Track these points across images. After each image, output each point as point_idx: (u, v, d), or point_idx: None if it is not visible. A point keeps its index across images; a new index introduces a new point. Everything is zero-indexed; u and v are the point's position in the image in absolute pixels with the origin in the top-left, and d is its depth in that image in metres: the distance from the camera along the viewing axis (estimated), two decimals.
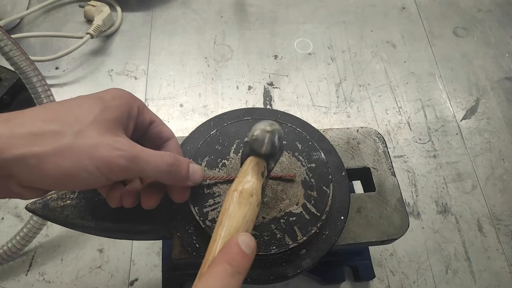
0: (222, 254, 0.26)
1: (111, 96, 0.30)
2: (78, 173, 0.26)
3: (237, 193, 0.30)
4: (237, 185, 0.30)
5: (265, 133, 0.30)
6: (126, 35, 0.80)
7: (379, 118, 0.73)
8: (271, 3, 0.87)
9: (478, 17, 0.89)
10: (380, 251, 0.60)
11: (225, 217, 0.29)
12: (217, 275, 0.25)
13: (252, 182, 0.30)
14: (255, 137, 0.31)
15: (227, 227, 0.28)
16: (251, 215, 0.29)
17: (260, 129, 0.31)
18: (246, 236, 0.27)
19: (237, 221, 0.28)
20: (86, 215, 0.37)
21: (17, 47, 0.48)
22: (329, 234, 0.37)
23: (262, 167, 0.32)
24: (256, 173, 0.31)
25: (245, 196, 0.29)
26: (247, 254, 0.26)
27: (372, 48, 0.82)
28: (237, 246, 0.26)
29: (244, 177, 0.31)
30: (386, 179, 0.44)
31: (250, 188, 0.30)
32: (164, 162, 0.30)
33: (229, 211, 0.29)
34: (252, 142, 0.31)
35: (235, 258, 0.25)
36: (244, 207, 0.29)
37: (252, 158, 0.32)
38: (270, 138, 0.30)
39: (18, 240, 0.52)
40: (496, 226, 0.63)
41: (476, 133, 0.73)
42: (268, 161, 0.32)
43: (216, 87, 0.74)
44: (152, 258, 0.57)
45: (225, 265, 0.25)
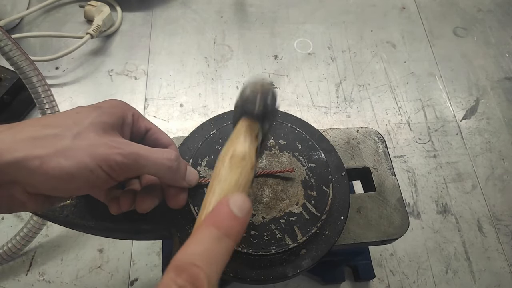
0: (209, 216, 0.24)
1: (107, 105, 0.31)
2: (80, 171, 0.26)
3: (228, 157, 0.27)
4: (228, 148, 0.28)
5: (256, 93, 0.28)
6: (126, 35, 0.80)
7: (379, 118, 0.73)
8: (271, 3, 0.87)
9: (478, 17, 0.89)
10: (380, 251, 0.60)
11: (215, 182, 0.26)
12: (201, 238, 0.22)
13: (245, 145, 0.28)
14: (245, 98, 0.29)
15: (218, 192, 0.26)
16: (244, 179, 0.27)
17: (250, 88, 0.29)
18: (239, 197, 0.24)
19: (228, 185, 0.26)
20: (86, 215, 0.37)
21: (17, 47, 0.48)
22: (329, 234, 0.37)
23: (256, 129, 0.30)
24: (249, 135, 0.29)
25: (237, 160, 0.27)
26: (238, 217, 0.23)
27: (372, 48, 0.82)
28: (227, 208, 0.24)
29: (236, 140, 0.29)
30: (386, 179, 0.44)
31: (242, 151, 0.28)
32: (165, 158, 0.30)
33: (220, 176, 0.27)
34: (242, 103, 0.29)
35: (222, 220, 0.23)
36: (236, 170, 0.27)
37: (244, 120, 0.30)
38: (262, 97, 0.28)
39: (18, 240, 0.52)
40: (496, 226, 0.63)
41: (476, 133, 0.73)
42: (262, 122, 0.30)
43: (216, 87, 0.74)
44: (152, 258, 0.57)
45: (210, 227, 0.23)
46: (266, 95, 0.29)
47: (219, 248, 0.22)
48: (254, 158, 0.28)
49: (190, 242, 0.22)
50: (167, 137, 0.36)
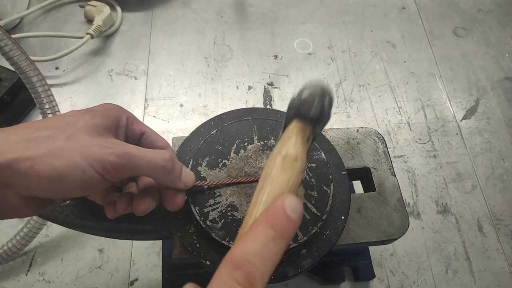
0: (265, 216, 0.24)
1: (101, 108, 0.31)
2: (72, 172, 0.26)
3: (280, 156, 0.27)
4: (280, 148, 0.28)
5: (315, 96, 0.28)
6: (126, 35, 0.80)
7: (379, 118, 0.73)
8: (271, 3, 0.87)
9: (478, 17, 0.89)
10: (380, 251, 0.60)
11: (267, 182, 0.26)
12: (258, 237, 0.22)
13: (297, 146, 0.28)
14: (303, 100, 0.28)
15: (269, 192, 0.26)
16: (295, 180, 0.27)
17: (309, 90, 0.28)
18: (293, 200, 0.24)
19: (280, 186, 0.26)
20: (86, 215, 0.37)
21: (17, 47, 0.48)
22: (329, 234, 0.37)
23: (308, 133, 0.29)
24: (301, 137, 0.28)
25: (290, 160, 0.27)
26: (293, 219, 0.24)
27: (372, 48, 0.82)
28: (282, 209, 0.24)
29: (288, 141, 0.28)
30: (386, 179, 0.44)
31: (295, 152, 0.27)
32: (159, 157, 0.30)
33: (272, 176, 0.26)
34: (299, 105, 0.28)
35: (278, 222, 0.23)
36: (288, 171, 0.26)
37: (297, 123, 0.29)
38: (320, 101, 0.28)
39: (18, 240, 0.52)
40: (496, 226, 0.63)
41: (476, 133, 0.73)
42: (315, 126, 0.29)
43: (216, 87, 0.74)
44: (152, 258, 0.57)
45: (267, 228, 0.23)
46: (324, 99, 0.28)
47: (273, 248, 0.22)
48: (305, 160, 0.28)
49: (246, 239, 0.23)
50: (163, 140, 0.36)
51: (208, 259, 0.35)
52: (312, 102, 0.28)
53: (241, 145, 0.40)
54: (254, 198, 0.26)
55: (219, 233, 0.35)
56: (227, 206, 0.37)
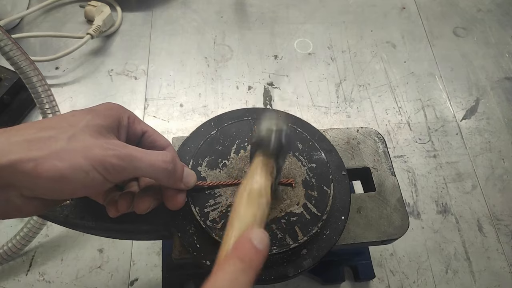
0: (233, 249, 0.25)
1: (102, 108, 0.31)
2: (75, 173, 0.26)
3: (246, 193, 0.29)
4: (246, 185, 0.30)
5: (271, 132, 0.30)
6: (126, 35, 0.80)
7: (379, 118, 0.73)
8: (271, 3, 0.87)
9: (478, 17, 0.89)
10: (380, 251, 0.60)
11: (235, 218, 0.28)
12: (227, 270, 0.24)
13: (260, 182, 0.30)
14: (261, 137, 0.30)
15: (238, 227, 0.27)
16: (261, 214, 0.29)
17: (265, 128, 0.30)
18: (259, 232, 0.26)
19: (246, 221, 0.28)
20: (86, 215, 0.37)
21: (17, 47, 0.48)
22: (330, 234, 0.37)
23: (271, 167, 0.31)
24: (264, 172, 0.31)
25: (254, 196, 0.29)
26: (260, 250, 0.25)
27: (372, 48, 0.82)
28: (249, 241, 0.25)
29: (253, 177, 0.30)
30: (386, 179, 0.44)
31: (258, 188, 0.30)
32: (160, 160, 0.30)
33: (239, 212, 0.28)
34: (258, 142, 0.31)
35: (246, 253, 0.25)
36: (253, 207, 0.29)
37: (260, 158, 0.31)
38: (277, 136, 0.30)
39: (18, 240, 0.52)
40: (496, 226, 0.63)
41: (476, 133, 0.73)
42: (277, 159, 0.32)
43: (216, 87, 0.74)
44: (152, 258, 0.57)
45: (235, 260, 0.24)
46: (281, 134, 0.30)
47: (243, 279, 0.24)
48: (269, 194, 0.30)
49: (217, 273, 0.24)
50: (164, 139, 0.36)
51: (208, 260, 0.35)
52: (269, 138, 0.30)
53: (241, 145, 0.40)
54: (225, 235, 0.27)
55: (219, 234, 0.35)
56: (227, 206, 0.37)
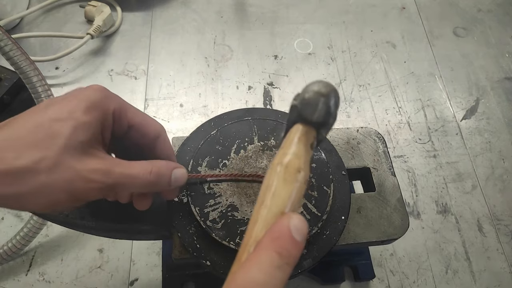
0: (270, 239, 0.22)
1: (82, 111, 0.27)
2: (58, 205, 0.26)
3: (281, 167, 0.24)
4: (281, 157, 0.25)
5: (319, 96, 0.25)
6: (126, 35, 0.80)
7: (379, 118, 0.73)
8: (271, 3, 0.87)
9: (478, 17, 0.89)
10: (380, 251, 0.60)
11: (267, 195, 0.24)
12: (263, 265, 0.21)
13: (300, 155, 0.25)
14: (306, 101, 0.25)
15: (271, 207, 0.23)
16: (298, 193, 0.24)
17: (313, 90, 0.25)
18: (299, 219, 0.22)
19: (282, 200, 0.24)
20: (86, 215, 0.37)
21: (17, 47, 0.48)
22: (330, 234, 0.37)
23: (312, 138, 0.26)
24: (304, 144, 0.26)
25: (292, 172, 0.24)
26: (299, 242, 0.22)
27: (372, 48, 0.82)
28: (288, 231, 0.22)
29: (290, 149, 0.25)
30: (386, 179, 0.44)
31: (297, 162, 0.25)
32: (144, 179, 0.29)
33: (273, 189, 0.24)
34: (302, 107, 0.25)
35: (285, 246, 0.21)
36: (291, 184, 0.24)
37: (300, 126, 0.26)
38: (325, 102, 0.25)
39: (18, 240, 0.52)
40: (496, 226, 0.63)
41: (476, 133, 0.73)
42: (320, 130, 0.27)
43: (216, 87, 0.74)
44: (152, 258, 0.57)
45: (273, 253, 0.21)
46: (329, 100, 0.25)
47: (279, 276, 0.21)
48: (309, 170, 0.26)
49: (251, 265, 0.21)
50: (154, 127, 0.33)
51: (208, 260, 0.35)
52: (317, 103, 0.25)
53: (241, 145, 0.40)
54: (255, 213, 0.24)
55: (220, 234, 0.35)
56: (228, 207, 0.37)
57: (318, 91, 0.25)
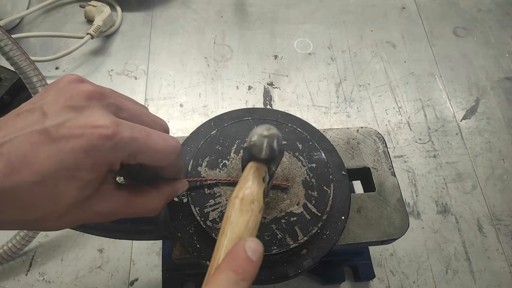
0: (227, 260, 0.25)
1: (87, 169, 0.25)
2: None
3: (238, 200, 0.29)
4: (238, 191, 0.30)
5: (263, 138, 0.30)
6: (126, 35, 0.80)
7: (379, 118, 0.73)
8: (271, 3, 0.87)
9: (478, 17, 0.89)
10: (380, 251, 0.60)
11: (227, 226, 0.28)
12: (221, 283, 0.23)
13: (253, 188, 0.30)
14: (252, 143, 0.30)
15: (230, 235, 0.27)
16: (253, 221, 0.28)
17: (257, 134, 0.30)
18: (253, 242, 0.25)
19: (239, 228, 0.27)
20: None
21: (17, 47, 0.48)
22: (330, 234, 0.37)
23: (263, 172, 0.31)
24: (257, 178, 0.30)
25: (247, 203, 0.29)
26: (254, 261, 0.25)
27: (372, 48, 0.82)
28: (243, 252, 0.25)
29: (245, 183, 0.30)
30: (386, 179, 0.44)
31: (251, 195, 0.29)
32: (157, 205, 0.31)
33: (231, 219, 0.28)
34: (250, 148, 0.31)
35: (240, 265, 0.24)
36: (246, 214, 0.28)
37: (252, 164, 0.31)
38: (269, 142, 0.30)
39: (18, 240, 0.52)
40: (496, 226, 0.63)
41: (476, 133, 0.73)
42: (269, 165, 0.32)
43: (216, 87, 0.74)
44: (152, 258, 0.57)
45: (229, 272, 0.24)
46: (272, 141, 0.30)
47: None
48: (262, 201, 0.30)
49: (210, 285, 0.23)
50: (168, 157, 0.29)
51: (208, 260, 0.35)
52: (261, 145, 0.30)
53: (241, 145, 0.40)
54: (217, 243, 0.27)
55: None
56: None
57: (261, 134, 0.30)
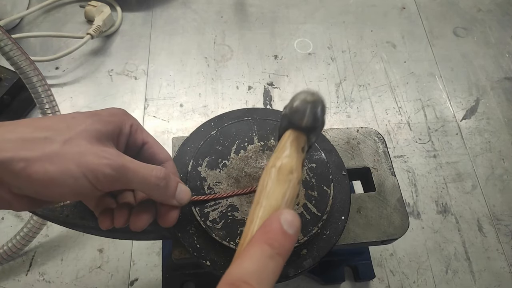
0: (261, 232, 0.23)
1: (106, 113, 0.31)
2: (64, 178, 0.26)
3: (275, 169, 0.27)
4: (275, 160, 0.27)
5: (306, 104, 0.27)
6: (126, 35, 0.80)
7: (379, 118, 0.73)
8: (271, 3, 0.87)
9: (478, 17, 0.89)
10: (380, 251, 0.60)
11: (262, 196, 0.26)
12: (255, 256, 0.22)
13: (292, 157, 0.27)
14: (295, 109, 0.28)
15: (265, 206, 0.25)
16: (291, 193, 0.26)
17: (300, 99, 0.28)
18: (289, 214, 0.24)
19: (276, 200, 0.25)
20: (86, 215, 0.37)
21: (17, 47, 0.48)
22: (330, 234, 0.37)
23: (302, 142, 0.29)
24: (295, 148, 0.28)
25: (285, 173, 0.26)
26: (290, 234, 0.23)
27: (372, 48, 0.82)
28: (279, 225, 0.23)
29: (283, 152, 0.28)
30: (386, 179, 0.44)
31: (289, 164, 0.27)
32: (153, 175, 0.29)
33: (267, 189, 0.26)
34: (291, 114, 0.28)
35: (275, 238, 0.23)
36: (284, 184, 0.26)
37: (291, 132, 0.29)
38: (312, 109, 0.27)
39: (18, 240, 0.52)
40: (496, 226, 0.63)
41: (476, 133, 0.73)
42: (309, 135, 0.29)
43: (216, 87, 0.74)
44: (152, 258, 0.57)
45: (263, 245, 0.22)
46: (316, 107, 0.28)
47: (271, 266, 0.22)
48: (301, 171, 0.28)
49: (243, 258, 0.22)
50: (165, 152, 0.35)
51: (208, 260, 0.35)
52: (304, 111, 0.27)
53: (241, 146, 0.40)
54: (251, 213, 0.25)
55: (220, 234, 0.35)
56: (228, 207, 0.37)
57: (304, 99, 0.27)
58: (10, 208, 0.28)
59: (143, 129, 0.34)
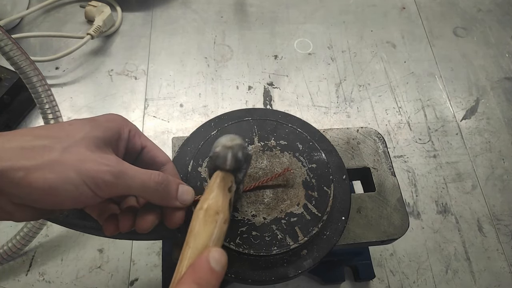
0: (189, 272, 0.24)
1: (104, 119, 0.31)
2: (64, 186, 0.26)
3: (202, 211, 0.28)
4: (202, 203, 0.29)
5: (227, 149, 0.30)
6: (126, 35, 0.80)
7: (379, 118, 0.73)
8: (271, 3, 0.87)
9: (478, 17, 0.89)
10: (380, 251, 0.60)
11: (191, 237, 0.27)
12: None
13: (217, 199, 0.29)
14: (217, 154, 0.30)
15: (193, 247, 0.27)
16: (218, 233, 0.28)
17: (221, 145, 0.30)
18: (217, 252, 0.25)
19: (203, 240, 0.27)
20: (86, 215, 0.37)
21: (17, 47, 0.48)
22: (330, 234, 0.37)
23: (229, 182, 0.31)
24: (222, 188, 0.30)
25: (211, 214, 0.28)
26: (217, 271, 0.25)
27: (372, 48, 0.82)
28: (206, 263, 0.25)
29: (210, 194, 0.30)
30: (386, 179, 0.44)
31: (215, 205, 0.29)
32: (151, 180, 0.30)
33: (195, 231, 0.27)
34: (215, 159, 0.30)
35: (203, 276, 0.24)
36: (210, 225, 0.28)
37: (218, 173, 0.31)
38: (233, 153, 0.30)
39: (18, 240, 0.52)
40: (496, 226, 0.64)
41: (476, 133, 0.73)
42: (235, 174, 0.31)
43: (216, 87, 0.74)
44: (152, 258, 0.57)
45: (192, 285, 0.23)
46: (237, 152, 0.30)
47: None
48: (227, 211, 0.29)
49: None
50: (164, 155, 0.35)
51: None
52: (225, 156, 0.30)
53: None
54: (181, 255, 0.27)
55: None
56: None
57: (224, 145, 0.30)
58: (11, 219, 0.28)
59: (141, 133, 0.35)
